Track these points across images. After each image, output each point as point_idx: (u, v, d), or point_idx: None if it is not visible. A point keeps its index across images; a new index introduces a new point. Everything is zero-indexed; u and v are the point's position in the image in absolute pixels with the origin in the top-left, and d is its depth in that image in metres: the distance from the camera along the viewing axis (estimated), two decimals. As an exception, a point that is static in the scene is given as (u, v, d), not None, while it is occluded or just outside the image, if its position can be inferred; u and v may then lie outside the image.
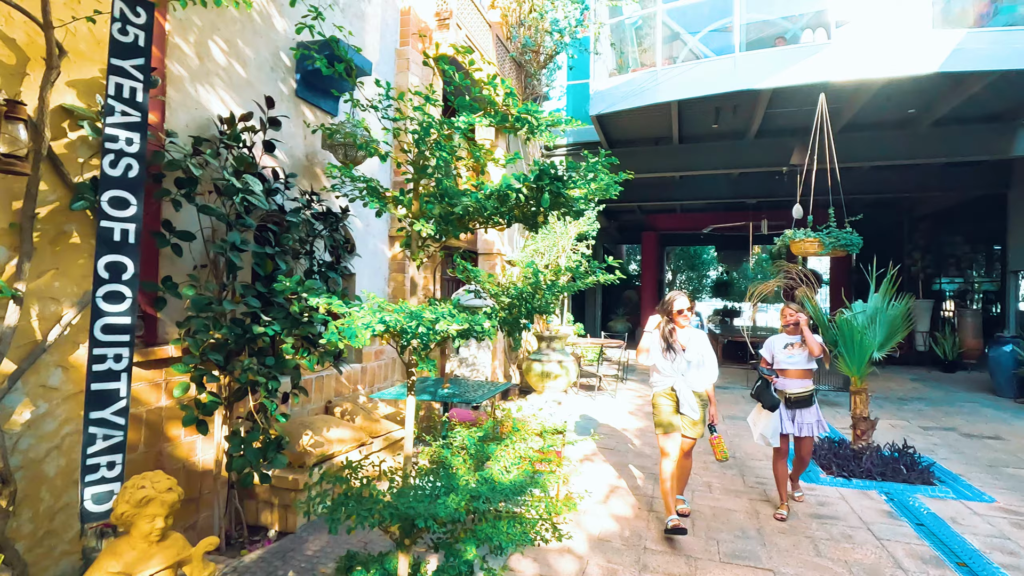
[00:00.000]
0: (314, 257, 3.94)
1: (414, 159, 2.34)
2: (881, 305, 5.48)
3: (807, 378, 4.23)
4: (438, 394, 3.89)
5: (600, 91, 8.77)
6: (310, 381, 4.29)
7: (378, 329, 1.74)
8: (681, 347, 3.77)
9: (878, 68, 7.15)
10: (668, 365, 3.77)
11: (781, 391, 4.20)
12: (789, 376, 4.22)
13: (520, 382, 8.55)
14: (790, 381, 4.21)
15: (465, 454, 2.55)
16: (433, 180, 2.37)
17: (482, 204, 2.08)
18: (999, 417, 7.61)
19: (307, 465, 3.56)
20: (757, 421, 4.26)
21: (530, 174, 2.14)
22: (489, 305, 2.54)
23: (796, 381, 4.20)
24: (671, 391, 3.77)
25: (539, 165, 2.10)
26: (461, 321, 1.84)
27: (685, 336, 3.83)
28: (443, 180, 2.21)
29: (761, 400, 4.13)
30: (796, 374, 4.21)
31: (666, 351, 3.78)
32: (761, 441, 4.19)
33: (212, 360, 2.73)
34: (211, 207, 3.06)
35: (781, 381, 4.22)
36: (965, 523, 4.04)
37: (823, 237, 6.76)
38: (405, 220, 2.36)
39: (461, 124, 2.21)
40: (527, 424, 2.88)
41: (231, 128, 3.15)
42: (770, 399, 4.07)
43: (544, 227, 8.06)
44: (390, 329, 1.80)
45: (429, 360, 1.91)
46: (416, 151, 2.28)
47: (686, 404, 3.71)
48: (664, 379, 3.81)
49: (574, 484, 4.62)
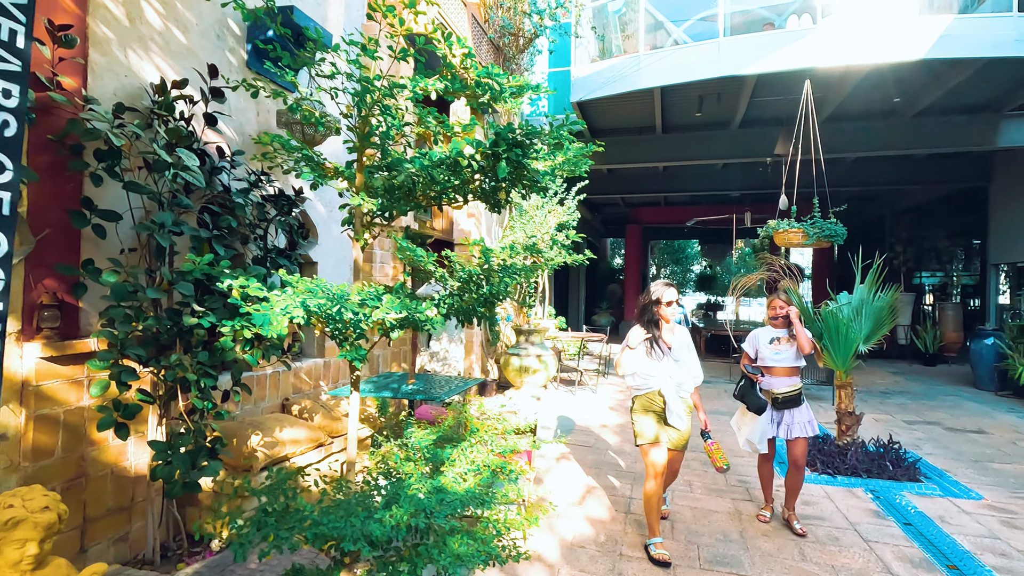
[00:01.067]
0: (266, 243, 3.63)
1: (357, 124, 2.05)
2: (867, 297, 5.30)
3: (795, 375, 3.83)
4: (401, 391, 3.61)
5: (581, 77, 8.51)
6: (263, 377, 3.98)
7: (297, 315, 1.46)
8: (667, 346, 3.32)
9: (864, 54, 6.98)
10: (653, 366, 3.30)
11: (767, 391, 3.80)
12: (775, 374, 3.81)
13: (498, 377, 8.30)
14: (776, 379, 3.81)
15: (420, 458, 2.28)
16: (379, 150, 2.08)
17: (429, 172, 1.79)
18: (982, 410, 7.53)
19: (255, 469, 3.26)
20: (741, 425, 3.87)
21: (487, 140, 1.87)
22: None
23: (783, 379, 3.80)
24: (657, 395, 3.29)
25: (494, 128, 1.83)
26: (397, 308, 1.56)
27: (670, 333, 3.41)
28: (387, 148, 1.93)
29: (746, 402, 3.71)
30: (783, 371, 3.81)
31: (650, 350, 3.30)
32: (747, 447, 3.82)
33: (133, 355, 2.42)
34: (139, 184, 2.73)
35: (767, 380, 3.82)
36: (954, 522, 3.88)
37: (807, 227, 6.58)
38: (347, 195, 2.07)
39: (406, 83, 1.92)
40: (491, 424, 2.62)
41: (162, 96, 2.82)
42: (756, 401, 3.66)
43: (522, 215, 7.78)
44: (314, 316, 1.51)
45: (359, 350, 1.63)
46: (357, 115, 1.99)
47: (674, 413, 3.25)
48: (647, 381, 3.32)
49: (548, 487, 4.38)
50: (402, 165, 1.85)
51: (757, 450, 3.79)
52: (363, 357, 1.69)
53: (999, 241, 10.91)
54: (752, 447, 3.79)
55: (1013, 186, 10.51)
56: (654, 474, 3.24)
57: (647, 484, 3.27)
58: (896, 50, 6.87)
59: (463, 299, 1.90)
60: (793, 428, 3.73)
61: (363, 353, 1.69)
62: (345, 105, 2.06)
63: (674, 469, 3.54)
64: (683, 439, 3.37)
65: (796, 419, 3.74)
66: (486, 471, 2.15)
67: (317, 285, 1.53)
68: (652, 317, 3.35)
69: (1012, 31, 6.67)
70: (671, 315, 3.35)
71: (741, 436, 3.86)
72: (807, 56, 7.17)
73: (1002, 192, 10.91)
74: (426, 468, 2.22)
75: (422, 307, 1.62)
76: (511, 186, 2.15)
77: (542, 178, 2.24)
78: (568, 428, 6.16)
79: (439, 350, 5.37)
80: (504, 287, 2.05)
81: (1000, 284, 11.23)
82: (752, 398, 3.67)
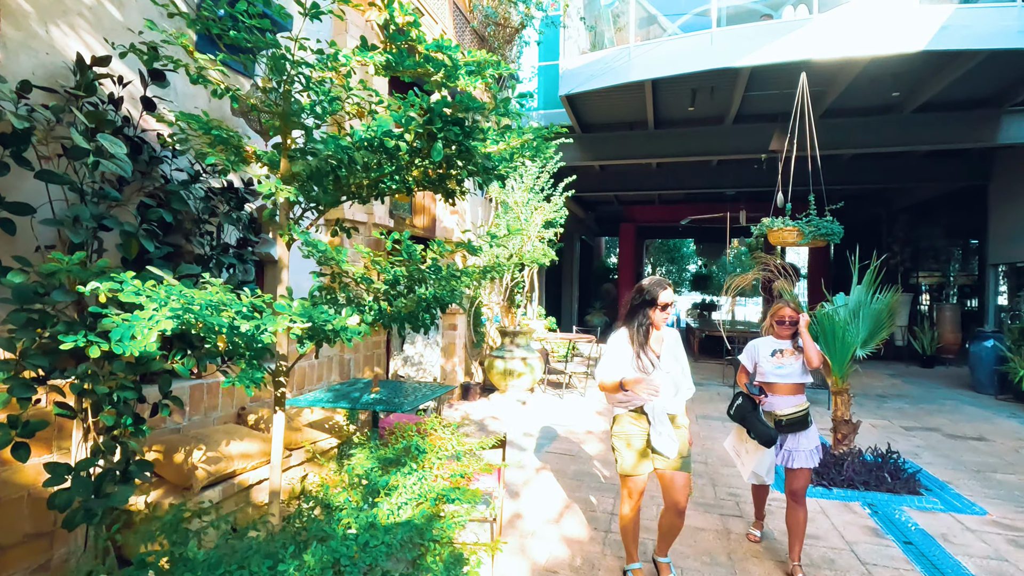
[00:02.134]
0: (219, 240, 3.34)
1: (277, 101, 1.76)
2: (864, 298, 5.04)
3: (800, 393, 3.30)
4: (361, 401, 3.33)
5: (570, 70, 8.22)
6: (214, 385, 3.69)
7: (167, 326, 1.17)
8: (655, 355, 2.80)
9: (863, 46, 6.71)
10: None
11: (768, 412, 3.28)
12: (777, 392, 3.29)
13: (483, 380, 8.01)
14: (779, 398, 3.27)
15: (358, 485, 1.99)
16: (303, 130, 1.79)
17: (348, 155, 1.51)
18: (982, 416, 7.29)
19: (195, 488, 2.97)
20: (742, 452, 3.36)
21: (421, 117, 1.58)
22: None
23: (787, 398, 3.27)
24: (640, 413, 2.81)
25: (426, 102, 1.54)
26: (302, 316, 1.28)
27: (658, 340, 2.89)
28: (308, 127, 1.64)
29: (750, 429, 3.16)
30: (787, 389, 3.28)
31: (637, 359, 2.77)
32: (752, 479, 3.37)
33: (32, 366, 2.12)
34: (54, 173, 2.44)
35: (768, 399, 3.26)
36: (957, 541, 3.61)
37: (803, 226, 6.31)
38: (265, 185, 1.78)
39: (331, 52, 1.63)
40: (445, 441, 2.34)
41: (82, 75, 2.53)
42: (763, 430, 3.09)
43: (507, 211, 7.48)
44: (189, 327, 1.22)
45: (254, 371, 1.34)
46: (276, 90, 1.70)
47: (661, 435, 2.71)
48: (629, 397, 2.81)
49: (524, 502, 4.10)
50: (318, 146, 1.56)
51: (765, 482, 3.36)
52: (256, 381, 1.39)
53: (998, 241, 10.67)
54: (758, 479, 3.35)
55: (1013, 185, 10.27)
56: (631, 499, 2.88)
57: (623, 508, 2.93)
58: (896, 41, 6.61)
59: (399, 304, 1.62)
60: (795, 457, 3.19)
61: (258, 376, 1.40)
62: (261, 78, 1.77)
63: (674, 504, 2.79)
64: (673, 464, 2.79)
65: (801, 445, 3.20)
66: (430, 499, 1.86)
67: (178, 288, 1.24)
68: (644, 322, 2.82)
69: (1015, 22, 6.41)
70: (664, 321, 2.84)
71: (745, 468, 3.35)
72: (803, 48, 6.90)
73: (1001, 191, 10.67)
74: (368, 495, 1.94)
75: (329, 314, 1.33)
76: (462, 174, 1.86)
77: (498, 164, 1.95)
78: (552, 435, 5.88)
79: (413, 354, 5.09)
80: (452, 290, 1.76)
81: (999, 285, 10.99)
82: (757, 425, 3.12)
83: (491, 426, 6.11)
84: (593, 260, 23.44)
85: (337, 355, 4.97)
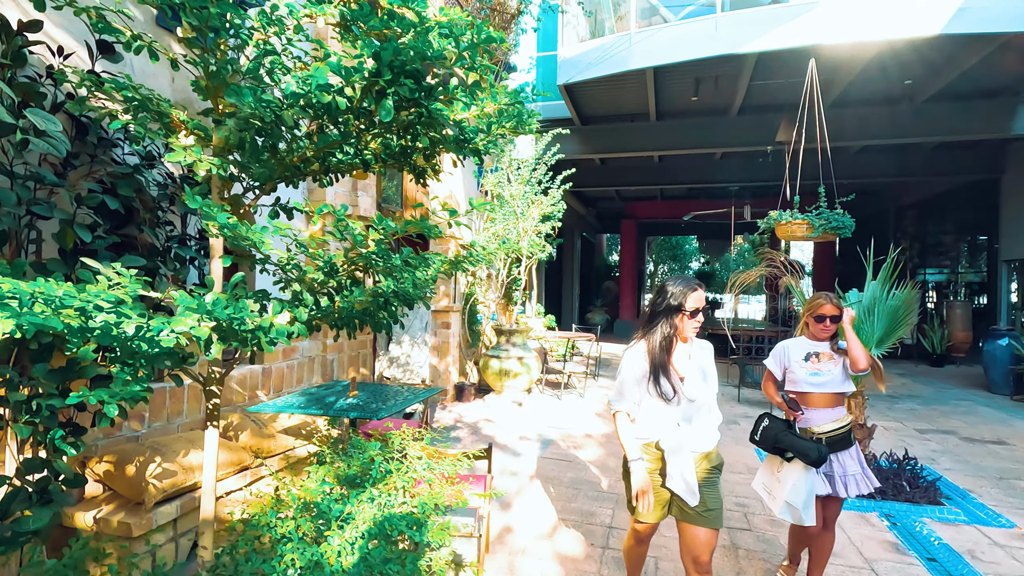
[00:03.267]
0: (184, 229, 3.06)
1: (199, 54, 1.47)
2: (880, 295, 4.74)
3: (840, 405, 2.74)
4: (334, 407, 3.04)
5: (568, 58, 7.91)
6: (178, 389, 3.40)
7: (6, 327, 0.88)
8: (679, 377, 2.21)
9: (875, 30, 6.40)
10: (655, 408, 2.21)
11: (804, 430, 2.71)
12: (813, 404, 2.72)
13: (478, 381, 7.73)
14: (816, 412, 2.71)
15: (305, 514, 1.70)
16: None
17: (277, 114, 1.22)
18: (998, 418, 6.98)
19: (147, 504, 2.69)
20: (773, 486, 2.67)
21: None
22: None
23: (825, 412, 2.70)
24: (655, 448, 2.22)
25: (369, 47, 1.25)
26: (198, 311, 0.99)
27: (685, 356, 2.27)
28: (244, 91, 1.35)
29: (788, 449, 2.51)
30: (824, 400, 2.70)
31: (654, 383, 2.17)
32: (786, 515, 2.57)
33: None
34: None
35: (803, 415, 2.68)
36: (985, 558, 3.32)
37: (812, 219, 6.01)
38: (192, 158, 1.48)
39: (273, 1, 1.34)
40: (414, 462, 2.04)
41: (8, 41, 2.24)
42: (807, 446, 2.46)
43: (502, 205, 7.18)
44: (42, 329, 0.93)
45: (131, 385, 1.05)
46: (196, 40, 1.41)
47: (679, 480, 2.12)
48: (643, 428, 2.24)
49: (515, 514, 3.81)
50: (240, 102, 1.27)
51: (802, 521, 2.50)
52: (134, 397, 1.10)
53: (1010, 236, 10.35)
54: (795, 515, 2.53)
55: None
56: (639, 536, 2.41)
57: (629, 540, 2.48)
58: (910, 25, 6.29)
59: (352, 299, 1.33)
60: (847, 483, 2.65)
61: (134, 391, 1.11)
62: (180, 28, 1.48)
63: (693, 560, 2.19)
64: (697, 517, 2.16)
65: (849, 468, 2.66)
66: (391, 532, 1.58)
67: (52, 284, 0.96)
68: (667, 332, 2.20)
69: (1037, 4, 6.09)
70: (694, 331, 2.24)
71: (776, 500, 2.62)
72: (812, 32, 6.59)
73: (1014, 184, 10.34)
74: (319, 524, 1.65)
75: (248, 310, 1.05)
76: (423, 141, 1.57)
77: (473, 136, 1.66)
78: (548, 439, 5.60)
79: (400, 354, 4.80)
80: (415, 282, 1.47)
81: (1011, 282, 10.67)
82: (798, 443, 2.48)
83: (485, 429, 5.83)
84: (594, 257, 23.13)
85: (319, 355, 4.69)
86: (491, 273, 8.07)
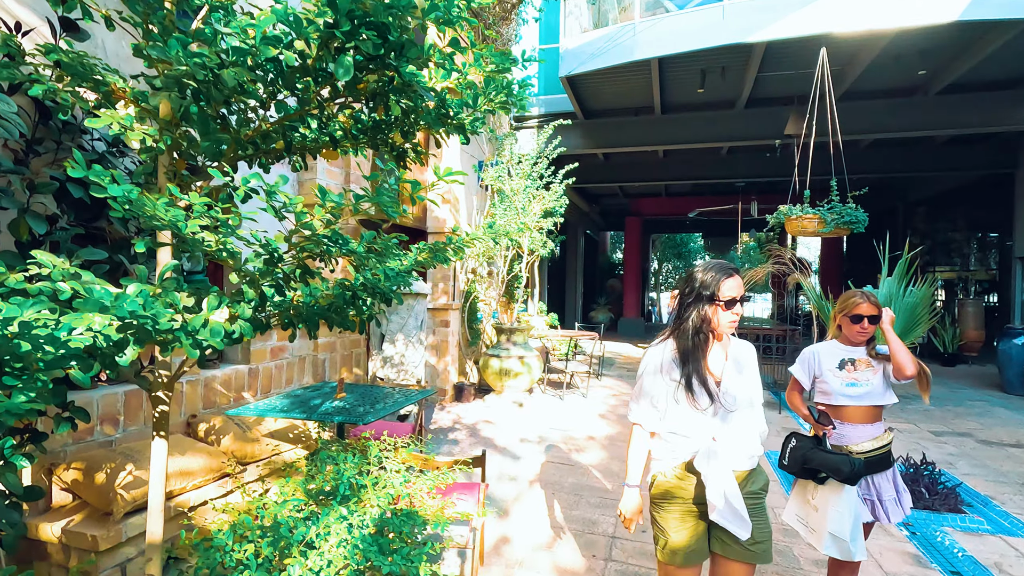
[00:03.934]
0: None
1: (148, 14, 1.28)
2: (896, 292, 4.53)
3: (879, 420, 2.38)
4: (317, 412, 2.86)
5: (571, 49, 7.70)
6: (157, 390, 3.23)
7: None
8: (715, 381, 1.83)
9: (889, 17, 6.16)
10: (687, 419, 1.81)
11: (836, 446, 2.35)
12: (849, 418, 2.36)
13: (478, 380, 7.54)
14: (853, 428, 2.35)
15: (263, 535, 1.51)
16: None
17: (214, 73, 1.02)
18: (1016, 419, 6.74)
19: (116, 515, 2.51)
20: (810, 511, 2.27)
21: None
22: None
23: (863, 428, 2.34)
24: (687, 471, 1.82)
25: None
26: (93, 308, 0.80)
27: (721, 356, 1.88)
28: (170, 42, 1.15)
29: (819, 468, 2.12)
30: (862, 415, 2.35)
31: (685, 388, 1.79)
32: (833, 550, 2.17)
33: None
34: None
35: (837, 431, 2.36)
36: (1014, 572, 3.11)
37: (824, 214, 5.81)
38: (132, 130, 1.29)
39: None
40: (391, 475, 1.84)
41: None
42: (838, 460, 2.08)
43: (503, 200, 6.99)
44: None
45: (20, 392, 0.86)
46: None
47: (724, 510, 1.70)
48: (673, 445, 1.85)
49: (513, 522, 3.62)
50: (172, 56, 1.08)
51: (852, 556, 2.13)
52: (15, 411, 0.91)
53: (1025, 232, 10.06)
54: (842, 549, 2.14)
55: (1042, 172, 9.67)
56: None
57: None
58: (925, 11, 6.05)
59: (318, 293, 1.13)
60: (887, 508, 2.32)
61: (16, 403, 0.92)
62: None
63: None
64: (743, 552, 1.78)
65: (886, 492, 2.34)
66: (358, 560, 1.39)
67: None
68: (701, 328, 1.81)
69: (1059, -11, 5.84)
70: (731, 326, 1.83)
71: (819, 533, 2.21)
72: (823, 20, 6.35)
73: (1029, 179, 10.05)
74: (279, 548, 1.46)
75: (165, 307, 0.86)
76: (407, 120, 1.37)
77: (458, 110, 1.47)
78: (549, 442, 5.40)
79: (394, 354, 4.62)
80: (384, 278, 1.28)
81: (1026, 279, 10.39)
82: (828, 459, 2.10)
83: (484, 431, 5.64)
84: (598, 255, 22.90)
85: (310, 355, 4.51)
86: (492, 270, 7.88)
